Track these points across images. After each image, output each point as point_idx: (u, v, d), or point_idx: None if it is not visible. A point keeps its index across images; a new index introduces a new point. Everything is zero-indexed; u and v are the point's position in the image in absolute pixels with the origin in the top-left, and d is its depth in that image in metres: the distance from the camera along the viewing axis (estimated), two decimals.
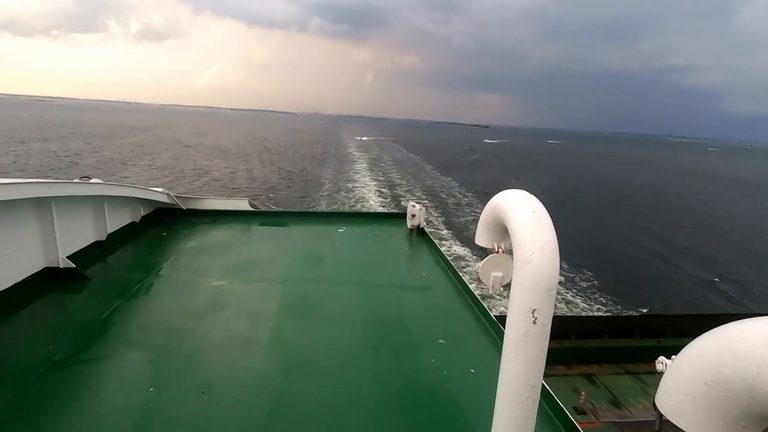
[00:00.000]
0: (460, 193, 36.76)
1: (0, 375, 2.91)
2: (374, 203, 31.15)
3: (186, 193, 7.55)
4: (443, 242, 21.21)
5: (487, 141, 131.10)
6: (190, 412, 2.57)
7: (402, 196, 33.20)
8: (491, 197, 1.88)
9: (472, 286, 4.53)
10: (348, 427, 2.57)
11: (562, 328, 8.44)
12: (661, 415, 1.26)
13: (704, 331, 1.24)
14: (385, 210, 26.71)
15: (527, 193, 1.69)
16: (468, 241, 21.46)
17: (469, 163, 62.06)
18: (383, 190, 36.42)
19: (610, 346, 8.31)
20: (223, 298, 4.27)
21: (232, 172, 41.06)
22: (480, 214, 1.98)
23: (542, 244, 1.48)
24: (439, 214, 28.18)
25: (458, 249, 20.52)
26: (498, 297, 13.53)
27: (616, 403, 7.01)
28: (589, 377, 7.66)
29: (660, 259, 22.17)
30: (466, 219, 27.07)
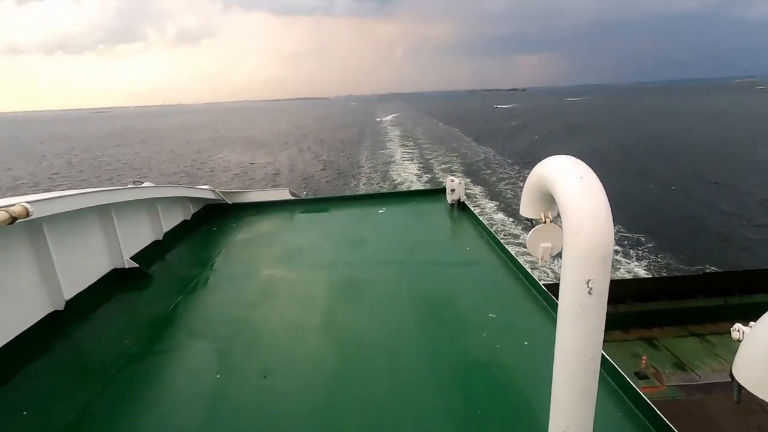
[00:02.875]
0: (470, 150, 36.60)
1: (87, 369, 3.23)
2: (410, 175, 31.35)
3: (230, 188, 7.83)
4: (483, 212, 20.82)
5: (498, 106, 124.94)
6: (254, 397, 2.73)
7: (429, 160, 33.51)
8: (535, 164, 1.80)
9: (519, 258, 4.43)
10: (405, 403, 2.63)
11: (618, 292, 8.10)
12: (740, 385, 1.18)
13: None
14: (423, 187, 26.49)
15: (574, 159, 1.59)
16: (509, 211, 20.94)
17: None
18: (415, 158, 37.81)
19: (671, 308, 7.90)
20: (274, 286, 4.44)
21: (272, 163, 42.45)
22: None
23: (593, 212, 1.39)
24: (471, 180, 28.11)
25: (499, 217, 20.09)
26: (547, 268, 13.17)
27: (680, 366, 6.70)
28: (649, 341, 7.35)
29: (727, 213, 20.56)
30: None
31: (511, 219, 19.86)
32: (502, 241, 5.03)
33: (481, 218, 5.98)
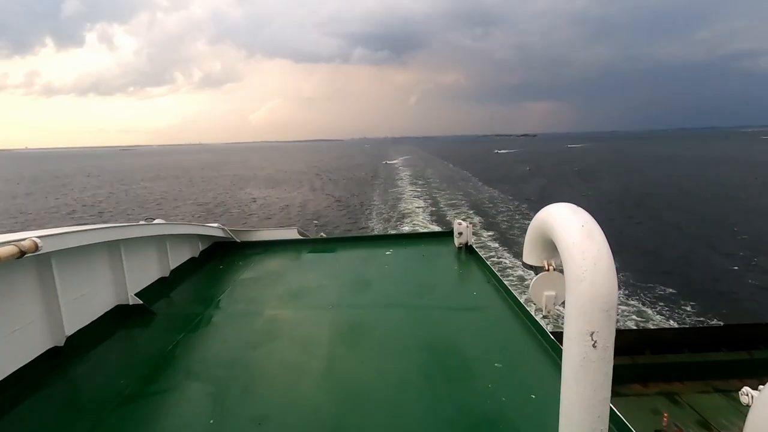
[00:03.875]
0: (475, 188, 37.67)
1: (80, 409, 3.14)
2: (419, 215, 31.80)
3: (239, 227, 7.91)
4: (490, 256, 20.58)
5: (498, 152, 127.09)
6: None
7: (437, 200, 34.29)
8: (537, 211, 1.78)
9: (527, 305, 4.30)
10: None
11: (635, 342, 7.76)
12: None
13: None
14: (431, 227, 26.49)
15: (574, 206, 1.58)
16: (517, 254, 20.67)
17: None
18: (426, 199, 38.83)
19: (693, 360, 7.50)
20: (276, 327, 4.36)
21: (284, 200, 43.65)
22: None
23: (594, 260, 1.36)
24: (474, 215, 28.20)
25: (507, 261, 19.82)
26: (553, 317, 12.79)
27: (705, 425, 6.26)
28: (670, 396, 6.93)
29: (749, 261, 19.96)
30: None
31: (519, 263, 19.56)
32: (509, 286, 4.92)
33: (488, 263, 5.89)
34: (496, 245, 23.21)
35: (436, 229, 24.44)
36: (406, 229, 27.91)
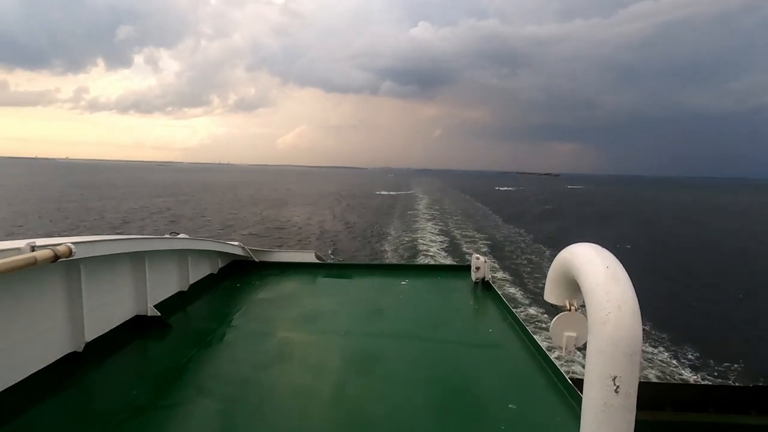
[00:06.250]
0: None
1: (91, 416, 3.17)
2: (434, 243, 32.03)
3: (258, 247, 8.03)
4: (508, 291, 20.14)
5: (499, 189, 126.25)
6: None
7: (453, 231, 34.78)
8: (559, 250, 1.78)
9: (544, 345, 4.19)
10: None
11: (656, 396, 7.37)
12: None
13: None
14: (448, 260, 26.26)
15: (599, 247, 1.58)
16: (535, 293, 20.17)
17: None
18: (440, 226, 40.36)
19: (719, 421, 7.06)
20: (288, 349, 4.35)
21: (306, 222, 44.39)
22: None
23: (619, 302, 1.35)
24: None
25: (523, 299, 19.33)
26: (574, 360, 12.31)
27: None
28: None
29: None
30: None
31: (538, 304, 19.06)
32: (526, 325, 4.81)
33: (505, 300, 5.79)
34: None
35: (454, 261, 24.24)
36: (421, 259, 27.81)
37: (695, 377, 13.23)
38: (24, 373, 3.27)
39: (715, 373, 13.65)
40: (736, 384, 12.20)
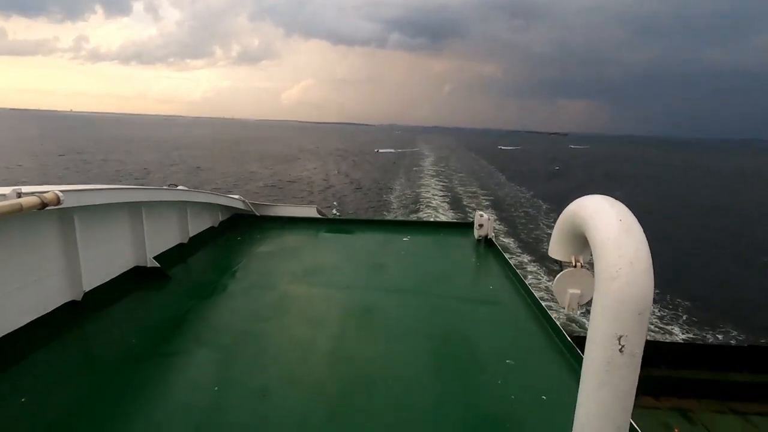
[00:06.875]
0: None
1: (91, 363, 3.22)
2: (437, 198, 32.62)
3: (259, 200, 7.96)
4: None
5: (501, 148, 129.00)
6: (248, 417, 2.60)
7: (457, 189, 34.97)
8: (567, 204, 1.66)
9: (544, 303, 4.16)
10: None
11: (651, 353, 7.47)
12: None
13: None
14: (451, 218, 26.28)
15: (612, 199, 1.45)
16: (537, 252, 20.27)
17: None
18: (445, 182, 41.38)
19: (711, 378, 7.22)
20: (288, 302, 4.35)
21: (308, 178, 44.63)
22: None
23: (631, 258, 1.24)
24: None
25: (525, 258, 19.46)
26: (575, 317, 12.50)
27: None
28: (683, 413, 6.69)
29: None
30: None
31: (539, 262, 19.18)
32: (528, 283, 4.78)
33: (507, 257, 5.74)
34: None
35: (457, 219, 24.24)
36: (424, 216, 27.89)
37: (688, 335, 13.52)
38: (23, 320, 3.29)
39: (711, 333, 13.93)
40: (731, 343, 12.45)
